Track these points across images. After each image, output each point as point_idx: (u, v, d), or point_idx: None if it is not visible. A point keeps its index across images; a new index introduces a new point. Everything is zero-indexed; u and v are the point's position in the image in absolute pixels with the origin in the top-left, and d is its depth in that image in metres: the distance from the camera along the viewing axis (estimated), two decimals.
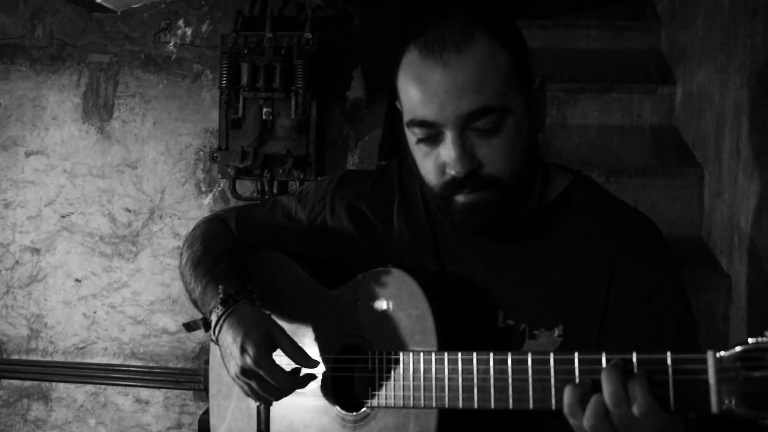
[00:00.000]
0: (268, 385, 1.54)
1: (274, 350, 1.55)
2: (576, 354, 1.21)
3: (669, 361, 1.13)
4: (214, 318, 1.61)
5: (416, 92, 1.43)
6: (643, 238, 1.52)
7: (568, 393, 1.19)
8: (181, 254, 1.83)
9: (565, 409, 1.21)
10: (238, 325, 1.56)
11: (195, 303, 1.74)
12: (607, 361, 1.18)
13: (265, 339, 1.54)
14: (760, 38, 2.28)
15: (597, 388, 1.17)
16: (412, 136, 1.49)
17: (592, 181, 1.65)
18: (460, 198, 1.46)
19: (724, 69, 2.61)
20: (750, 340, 1.07)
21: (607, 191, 1.64)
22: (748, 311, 2.36)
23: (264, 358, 1.52)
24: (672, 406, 1.13)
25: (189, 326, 1.79)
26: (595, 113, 3.26)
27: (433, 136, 1.44)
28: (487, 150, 1.43)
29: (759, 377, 1.06)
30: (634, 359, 1.16)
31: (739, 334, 2.43)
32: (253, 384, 1.55)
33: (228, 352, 1.57)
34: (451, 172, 1.44)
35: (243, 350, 1.52)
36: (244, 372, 1.54)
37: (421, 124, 1.44)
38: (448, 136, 1.42)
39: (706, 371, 1.09)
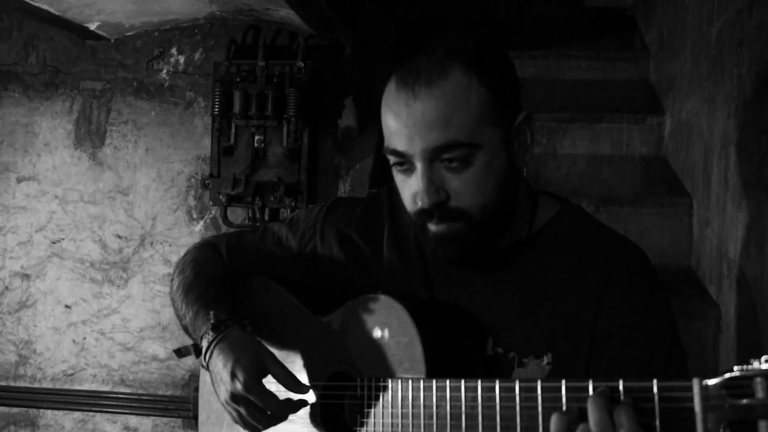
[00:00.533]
0: (258, 412, 1.53)
1: (265, 376, 1.55)
2: (563, 382, 1.21)
3: (655, 389, 1.12)
4: (204, 343, 1.61)
5: (390, 122, 1.45)
6: (631, 265, 1.52)
7: (554, 421, 1.19)
8: (172, 280, 1.83)
9: None
10: (229, 350, 1.56)
11: (186, 329, 1.74)
12: (594, 388, 1.18)
13: (255, 365, 1.54)
14: (746, 69, 2.29)
15: (584, 416, 1.18)
16: (391, 164, 1.51)
17: (579, 209, 1.65)
18: (431, 227, 1.47)
19: (712, 99, 2.62)
20: (735, 368, 1.06)
21: (595, 219, 1.64)
22: (738, 340, 2.36)
23: (254, 384, 1.52)
24: None
25: (180, 352, 1.77)
26: (584, 143, 3.28)
27: (406, 165, 1.46)
28: (456, 183, 1.43)
29: (745, 405, 1.05)
30: (621, 387, 1.15)
31: (729, 363, 2.42)
32: (243, 410, 1.54)
33: (218, 378, 1.56)
34: (420, 203, 1.45)
35: (233, 376, 1.52)
36: (234, 398, 1.53)
37: (394, 153, 1.46)
38: (418, 167, 1.43)
39: (692, 399, 1.08)
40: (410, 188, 1.47)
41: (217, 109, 3.31)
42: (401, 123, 1.42)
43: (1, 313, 3.65)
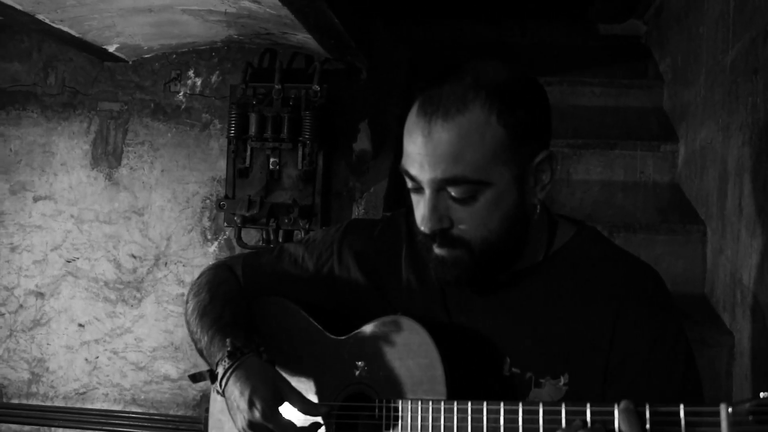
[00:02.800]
0: None
1: (281, 404, 1.56)
2: (588, 405, 1.22)
3: (682, 413, 1.14)
4: (220, 370, 1.61)
5: (407, 146, 1.48)
6: (646, 288, 1.53)
7: None
8: (186, 302, 1.83)
9: None
10: (246, 379, 1.57)
11: (201, 353, 1.74)
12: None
13: (273, 393, 1.55)
14: (761, 97, 2.31)
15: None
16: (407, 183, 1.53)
17: (595, 232, 1.66)
18: (435, 249, 1.49)
19: (726, 127, 2.64)
20: (762, 395, 1.08)
21: (610, 241, 1.66)
22: (752, 367, 2.36)
23: (272, 413, 1.53)
24: None
25: (195, 378, 1.76)
26: (598, 169, 3.30)
27: (417, 187, 1.48)
28: (460, 214, 1.45)
29: None
30: (647, 411, 1.17)
31: (743, 391, 2.43)
32: None
33: (235, 405, 1.57)
34: (424, 228, 1.47)
35: (251, 404, 1.53)
36: (252, 426, 1.55)
37: (407, 174, 1.48)
38: (425, 193, 1.45)
39: (718, 423, 1.10)
40: (419, 210, 1.49)
41: (233, 132, 3.34)
42: (415, 149, 1.44)
43: (15, 331, 3.66)
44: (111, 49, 3.40)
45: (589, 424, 1.21)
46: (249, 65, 3.47)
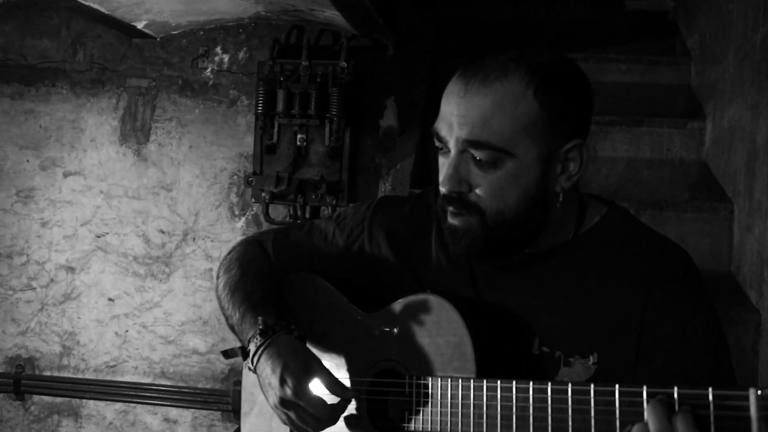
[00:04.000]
0: (308, 416, 1.57)
1: (312, 381, 1.58)
2: (617, 386, 1.23)
3: (710, 397, 1.14)
4: (252, 347, 1.63)
5: (442, 106, 1.50)
6: (676, 268, 1.53)
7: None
8: (217, 277, 1.86)
9: None
10: (277, 356, 1.59)
11: (232, 328, 1.77)
12: (648, 394, 1.20)
13: (303, 371, 1.57)
14: None
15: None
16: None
17: (626, 212, 1.66)
18: (449, 218, 1.52)
19: (756, 105, 2.63)
20: None
21: (640, 221, 1.66)
22: None
23: (303, 390, 1.56)
24: None
25: (227, 354, 1.79)
26: (624, 146, 3.31)
27: (444, 149, 1.50)
28: (479, 180, 1.46)
29: None
30: (676, 394, 1.18)
31: None
32: (293, 414, 1.58)
33: (267, 382, 1.60)
34: (443, 188, 1.49)
35: (282, 381, 1.56)
36: (284, 403, 1.57)
37: (437, 136, 1.50)
38: (450, 154, 1.48)
39: (748, 408, 1.10)
40: (442, 172, 1.51)
41: (260, 108, 3.35)
42: (448, 110, 1.47)
43: (46, 305, 3.72)
44: (139, 25, 3.42)
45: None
46: (276, 42, 3.47)
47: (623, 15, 4.26)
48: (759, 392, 1.10)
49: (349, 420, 1.65)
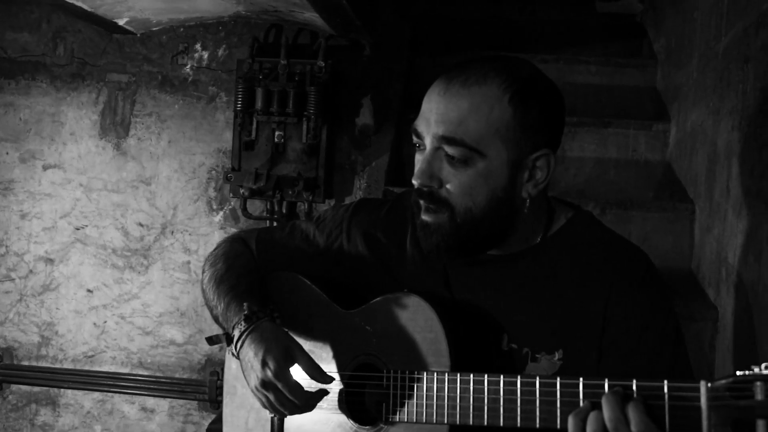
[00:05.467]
0: (285, 399, 1.65)
1: (293, 365, 1.66)
2: (581, 379, 1.33)
3: (665, 389, 1.25)
4: (236, 333, 1.71)
5: (423, 104, 1.60)
6: (637, 270, 1.64)
7: (571, 420, 1.32)
8: (203, 271, 1.93)
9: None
10: (260, 341, 1.67)
11: (216, 318, 1.84)
12: (610, 386, 1.30)
13: (284, 355, 1.65)
14: (751, 85, 2.39)
15: (596, 407, 1.31)
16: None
17: (590, 216, 1.76)
18: (421, 215, 1.61)
19: (717, 111, 2.73)
20: (738, 373, 1.19)
21: (604, 225, 1.75)
22: (734, 341, 2.47)
23: (283, 373, 1.63)
24: (667, 428, 1.26)
25: (211, 340, 1.84)
26: (592, 147, 3.39)
27: (421, 146, 1.60)
28: (450, 176, 1.56)
29: (745, 406, 1.18)
30: (634, 386, 1.29)
31: (725, 363, 2.54)
32: (271, 397, 1.65)
33: (249, 366, 1.67)
34: (415, 181, 1.58)
35: (264, 364, 1.63)
36: (264, 385, 1.64)
37: (414, 132, 1.60)
38: (426, 150, 1.57)
39: (699, 399, 1.22)
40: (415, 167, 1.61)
41: (239, 105, 3.41)
42: (428, 107, 1.58)
43: (25, 296, 3.76)
44: (121, 22, 3.45)
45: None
46: (255, 40, 3.52)
47: (594, 17, 4.36)
48: (709, 384, 1.22)
49: (327, 409, 1.73)
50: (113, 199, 3.71)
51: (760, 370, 1.18)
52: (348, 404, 1.73)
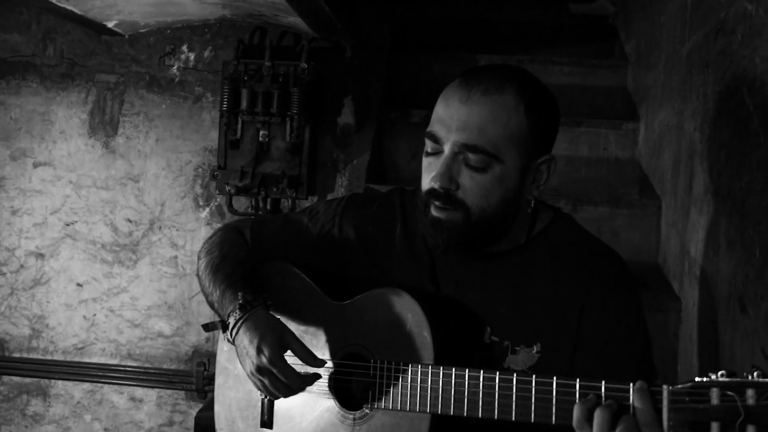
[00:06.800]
0: (280, 383, 1.72)
1: (286, 351, 1.74)
2: (554, 378, 1.45)
3: (631, 391, 1.38)
4: (232, 321, 1.78)
5: (440, 109, 1.67)
6: (612, 272, 1.75)
7: (577, 409, 1.43)
8: (199, 259, 2.00)
9: (575, 423, 1.43)
10: (255, 328, 1.73)
11: (212, 305, 1.91)
12: (581, 386, 1.43)
13: (278, 342, 1.72)
14: (711, 89, 2.50)
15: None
16: (425, 146, 1.71)
17: (570, 219, 1.87)
18: (433, 211, 1.68)
19: (681, 112, 2.84)
20: (696, 379, 1.31)
21: (583, 228, 1.86)
22: (697, 331, 2.58)
23: (277, 359, 1.70)
24: None
25: (207, 327, 1.90)
26: (564, 145, 3.48)
27: (436, 151, 1.68)
28: (468, 180, 1.64)
29: (701, 409, 1.30)
30: (603, 387, 1.41)
31: (688, 351, 2.66)
32: (266, 381, 1.73)
33: (244, 352, 1.74)
34: (434, 183, 1.65)
35: (259, 351, 1.70)
36: (260, 370, 1.72)
37: (432, 136, 1.67)
38: (444, 153, 1.64)
39: (661, 402, 1.34)
40: (431, 171, 1.67)
41: (225, 105, 3.51)
42: (448, 113, 1.64)
43: (16, 290, 3.84)
44: (109, 24, 3.54)
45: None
46: (240, 42, 3.62)
47: (567, 18, 4.44)
48: (670, 388, 1.34)
49: (316, 393, 1.82)
50: (102, 196, 3.80)
51: (717, 377, 1.29)
52: (336, 390, 1.81)
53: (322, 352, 1.84)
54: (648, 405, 1.37)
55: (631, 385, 1.40)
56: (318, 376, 1.77)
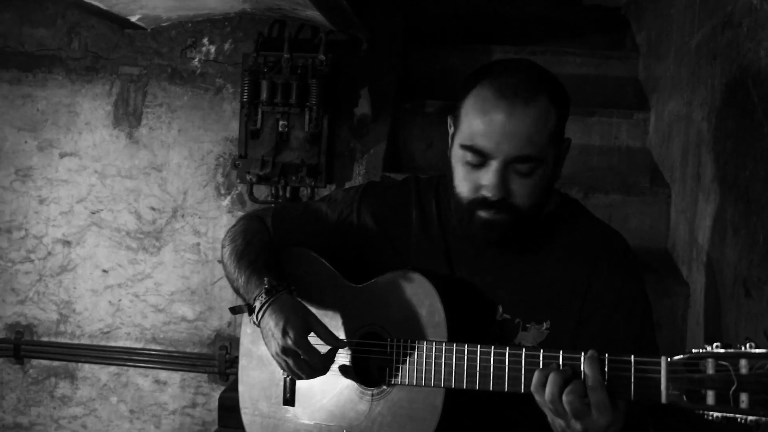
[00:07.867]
0: (304, 364, 1.80)
1: (309, 333, 1.81)
2: (561, 351, 1.53)
3: (632, 362, 1.45)
4: (257, 304, 1.84)
5: (480, 124, 1.69)
6: (616, 252, 1.84)
7: (536, 375, 1.52)
8: (223, 247, 2.06)
9: (532, 387, 1.53)
10: (280, 311, 1.79)
11: (237, 290, 1.97)
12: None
13: (303, 324, 1.79)
14: (718, 81, 2.56)
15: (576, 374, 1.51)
16: (460, 155, 1.74)
17: (576, 203, 1.96)
18: (482, 214, 1.73)
19: (689, 103, 2.90)
20: (693, 350, 1.38)
21: (589, 211, 1.95)
22: (703, 315, 2.65)
23: (302, 340, 1.77)
24: (632, 395, 1.45)
25: (234, 310, 1.94)
26: (577, 134, 3.52)
27: (480, 163, 1.70)
28: (518, 186, 1.71)
29: (697, 378, 1.36)
30: (606, 358, 1.48)
31: (695, 334, 2.74)
32: (291, 362, 1.80)
33: (270, 334, 1.81)
34: (486, 194, 1.69)
35: (284, 333, 1.77)
36: (285, 351, 1.78)
37: (474, 150, 1.70)
38: (494, 166, 1.68)
39: (659, 371, 1.41)
40: (476, 180, 1.71)
41: (246, 97, 3.59)
42: (493, 128, 1.67)
43: (44, 276, 3.94)
44: (133, 18, 3.62)
45: (561, 367, 1.51)
46: (260, 35, 3.70)
47: (580, 9, 4.46)
48: (669, 359, 1.42)
49: (338, 372, 1.90)
50: (126, 185, 3.89)
51: (712, 348, 1.35)
52: (354, 368, 1.89)
53: (341, 332, 1.91)
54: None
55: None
56: (336, 355, 1.85)
